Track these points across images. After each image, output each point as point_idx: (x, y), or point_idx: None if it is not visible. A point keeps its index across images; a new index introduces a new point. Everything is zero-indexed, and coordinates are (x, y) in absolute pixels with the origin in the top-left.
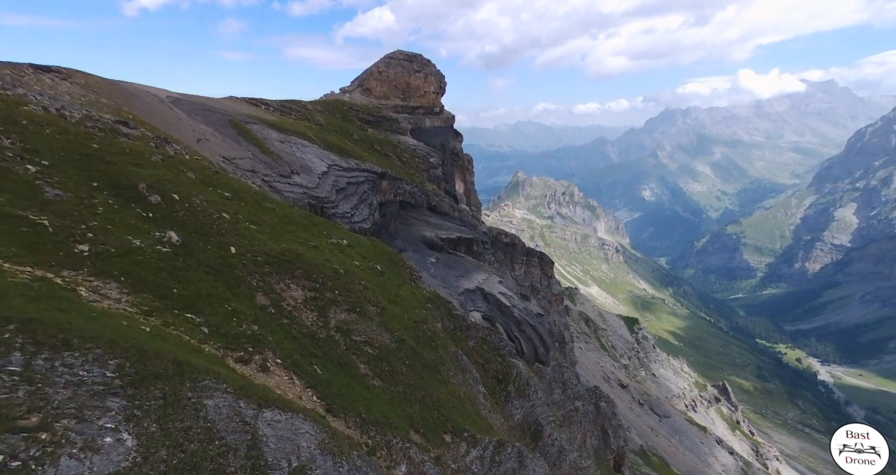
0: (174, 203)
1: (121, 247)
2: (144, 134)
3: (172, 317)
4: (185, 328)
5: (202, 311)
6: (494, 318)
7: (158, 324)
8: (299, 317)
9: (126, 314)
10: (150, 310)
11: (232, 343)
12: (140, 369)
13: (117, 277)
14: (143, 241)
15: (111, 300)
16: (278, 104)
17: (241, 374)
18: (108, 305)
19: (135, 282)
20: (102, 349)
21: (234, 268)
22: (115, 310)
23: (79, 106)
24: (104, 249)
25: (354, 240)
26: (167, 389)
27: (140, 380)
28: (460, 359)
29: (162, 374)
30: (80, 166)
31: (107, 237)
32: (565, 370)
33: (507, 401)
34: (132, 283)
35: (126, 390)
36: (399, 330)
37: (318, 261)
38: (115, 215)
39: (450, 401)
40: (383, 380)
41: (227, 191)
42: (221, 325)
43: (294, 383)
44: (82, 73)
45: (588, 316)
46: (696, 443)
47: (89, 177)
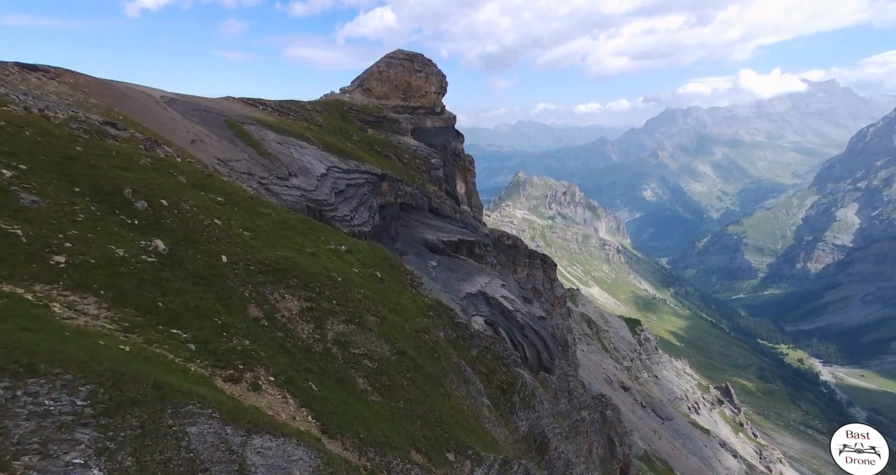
0: (162, 209)
1: (102, 258)
2: (134, 136)
3: (156, 334)
4: (169, 345)
5: (189, 326)
6: (497, 323)
7: (140, 341)
8: (294, 329)
9: (104, 332)
10: (132, 327)
11: (221, 360)
12: (115, 395)
13: (96, 291)
14: (126, 251)
15: (88, 317)
16: (277, 104)
17: (230, 395)
18: (83, 323)
19: (116, 295)
20: (73, 374)
21: (226, 279)
22: (91, 329)
23: (65, 106)
24: (83, 260)
25: (353, 246)
26: (145, 417)
27: (115, 407)
28: (463, 370)
29: (140, 400)
30: (61, 170)
31: (87, 247)
32: (571, 379)
33: (511, 412)
34: (113, 297)
35: (98, 420)
36: (400, 341)
37: (314, 268)
38: (97, 223)
39: (453, 416)
40: (383, 396)
41: (221, 195)
42: (210, 341)
43: (287, 402)
44: (72, 73)
45: (590, 317)
46: (699, 446)
47: (71, 182)
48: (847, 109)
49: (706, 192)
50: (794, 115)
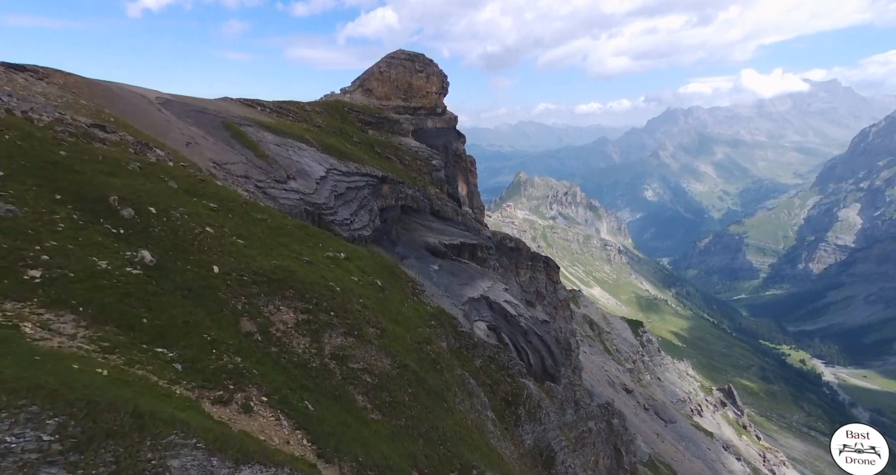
0: (150, 217)
1: (82, 271)
2: (124, 139)
3: (139, 354)
4: (153, 366)
5: (176, 344)
6: (500, 328)
7: (120, 363)
8: (290, 343)
9: (80, 354)
10: (112, 347)
11: (209, 380)
12: (88, 428)
13: (75, 308)
14: (109, 263)
15: (64, 337)
16: (275, 105)
17: (218, 420)
18: (58, 344)
19: (96, 312)
20: (40, 405)
21: (217, 291)
22: (66, 350)
23: (51, 108)
24: (61, 274)
25: (352, 253)
26: (121, 451)
27: (87, 441)
28: (467, 382)
29: (116, 432)
30: (42, 176)
31: (66, 259)
32: (577, 388)
33: (517, 425)
34: (93, 314)
35: (67, 456)
36: (401, 353)
37: (312, 278)
38: (78, 233)
39: (457, 433)
40: (383, 413)
41: (214, 201)
42: (198, 359)
43: (281, 425)
44: (62, 73)
45: (592, 319)
46: (703, 449)
47: (52, 188)
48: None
49: (707, 192)
50: (796, 115)
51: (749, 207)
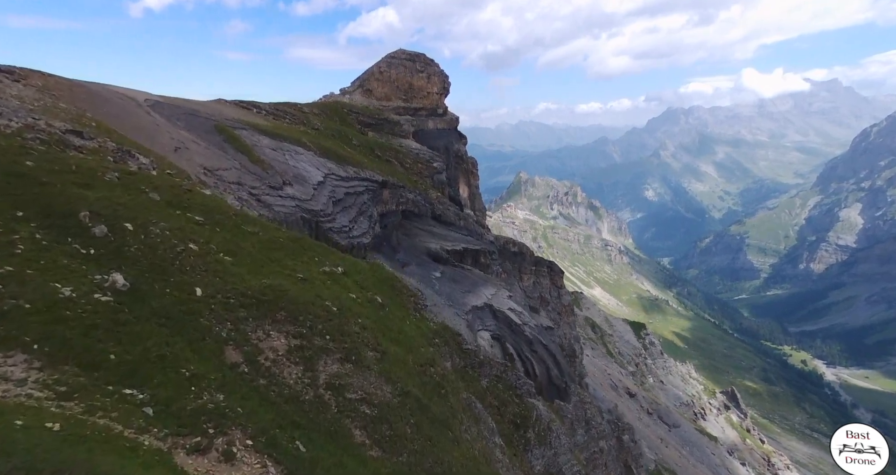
0: (126, 234)
1: (40, 301)
2: (103, 145)
3: (102, 398)
4: (118, 412)
5: (148, 382)
6: (504, 338)
7: (78, 412)
8: (280, 374)
9: (28, 404)
10: (70, 391)
11: (185, 425)
12: None
13: (28, 345)
14: (74, 289)
15: (10, 383)
16: (272, 107)
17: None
18: (1, 393)
19: (54, 349)
20: None
21: (199, 316)
22: (11, 401)
23: (24, 113)
24: (14, 306)
25: (351, 267)
26: None
27: None
28: (473, 406)
29: None
30: (2, 191)
31: (21, 288)
32: (588, 406)
33: (526, 450)
34: (49, 352)
35: None
36: (402, 379)
37: (306, 297)
38: (41, 255)
39: (463, 466)
40: (383, 449)
41: (200, 213)
42: (173, 400)
43: (268, 472)
44: (41, 74)
45: (594, 321)
46: (706, 453)
47: (13, 204)
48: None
49: (708, 192)
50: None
51: (750, 207)
